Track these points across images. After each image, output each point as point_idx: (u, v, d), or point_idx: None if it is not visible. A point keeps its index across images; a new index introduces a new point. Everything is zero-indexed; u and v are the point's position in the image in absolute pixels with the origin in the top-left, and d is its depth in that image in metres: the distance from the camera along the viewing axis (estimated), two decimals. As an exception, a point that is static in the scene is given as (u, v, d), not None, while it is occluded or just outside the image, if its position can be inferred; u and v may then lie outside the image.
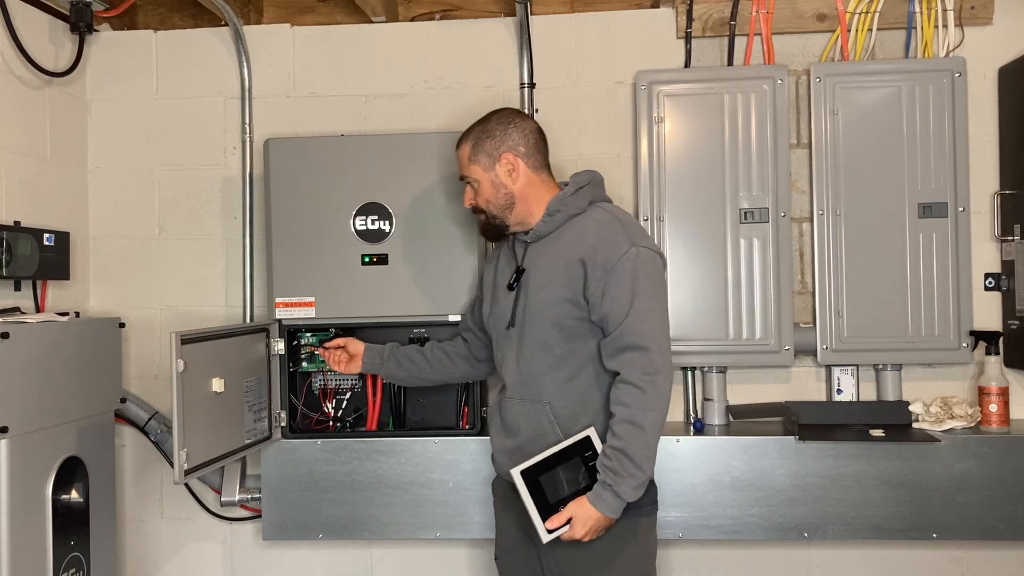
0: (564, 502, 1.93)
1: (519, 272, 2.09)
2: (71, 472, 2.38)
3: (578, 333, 2.01)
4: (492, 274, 2.22)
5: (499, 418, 2.14)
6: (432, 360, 2.38)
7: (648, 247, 2.00)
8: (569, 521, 1.91)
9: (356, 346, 2.41)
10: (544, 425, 2.01)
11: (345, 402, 2.62)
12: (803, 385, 2.73)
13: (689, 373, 2.73)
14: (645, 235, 2.05)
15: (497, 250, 2.26)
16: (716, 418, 2.65)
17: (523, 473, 1.94)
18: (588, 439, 1.96)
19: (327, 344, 2.46)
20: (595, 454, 1.95)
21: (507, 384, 2.12)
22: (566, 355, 2.02)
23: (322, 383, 2.62)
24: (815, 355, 2.60)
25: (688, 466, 2.49)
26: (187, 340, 2.15)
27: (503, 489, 2.18)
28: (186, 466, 2.13)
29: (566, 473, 1.94)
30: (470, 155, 2.10)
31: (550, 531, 1.91)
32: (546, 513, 1.92)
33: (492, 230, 2.15)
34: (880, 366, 2.63)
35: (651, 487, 2.03)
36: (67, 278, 2.72)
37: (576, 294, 1.99)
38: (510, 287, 2.10)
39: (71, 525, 2.37)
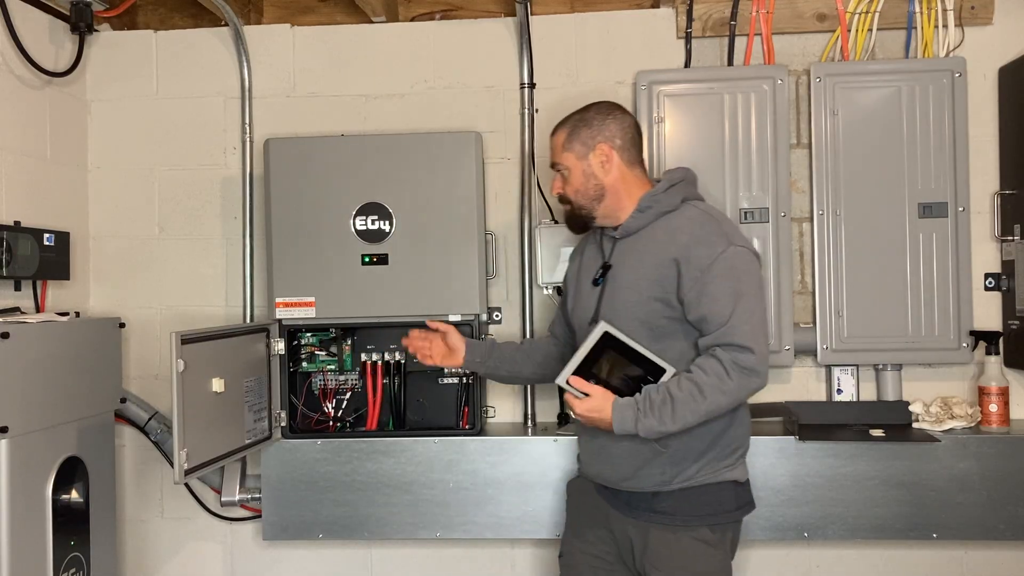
0: (597, 382, 1.94)
1: (605, 268, 2.05)
2: (71, 472, 2.38)
3: (668, 332, 1.96)
4: (576, 267, 2.19)
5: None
6: (532, 354, 2.30)
7: (745, 247, 1.96)
8: (586, 395, 1.92)
9: (457, 340, 2.24)
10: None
11: (345, 402, 2.63)
12: (803, 385, 2.73)
13: (689, 373, 2.73)
14: (741, 234, 2.00)
15: (582, 243, 2.22)
16: (716, 418, 2.65)
17: (605, 335, 1.94)
18: (664, 371, 1.94)
19: (415, 333, 2.27)
20: (652, 384, 1.93)
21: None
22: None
23: (322, 383, 2.62)
24: (815, 355, 2.60)
25: (688, 466, 2.49)
26: (187, 340, 2.15)
27: (583, 490, 2.16)
28: (186, 466, 2.13)
29: (625, 371, 1.95)
30: (564, 142, 2.06)
31: (569, 384, 1.93)
32: (580, 372, 1.94)
33: (577, 221, 2.10)
34: (880, 366, 2.63)
35: (747, 489, 2.05)
36: (67, 278, 2.72)
37: (668, 294, 1.94)
38: (595, 282, 2.07)
39: (71, 525, 2.37)
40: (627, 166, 2.05)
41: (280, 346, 2.55)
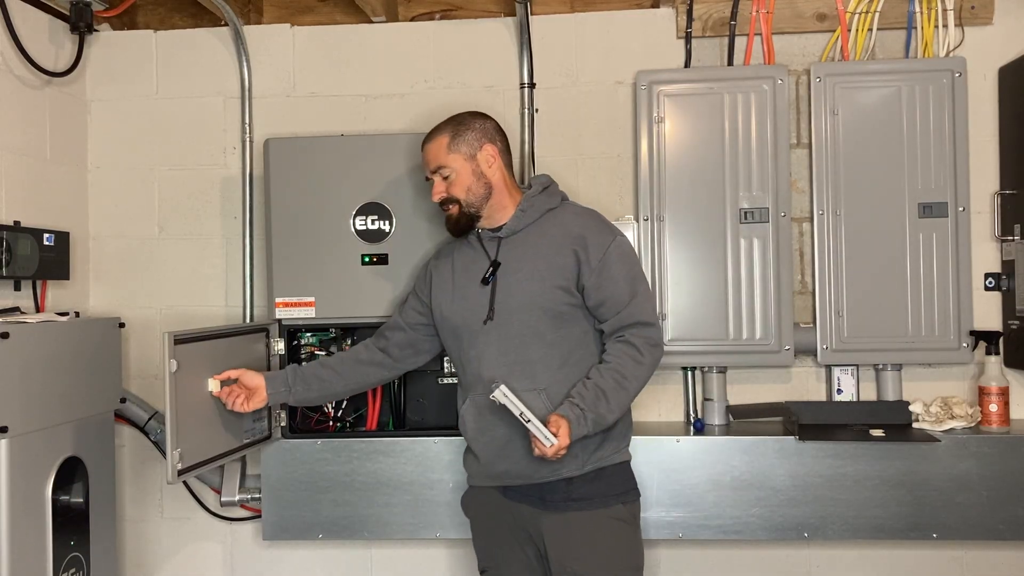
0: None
1: (495, 265, 2.10)
2: (71, 472, 2.38)
3: (569, 319, 2.07)
4: (449, 272, 2.20)
5: (479, 419, 2.08)
6: (343, 372, 2.30)
7: (624, 237, 2.14)
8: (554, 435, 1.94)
9: (253, 378, 2.24)
10: (543, 411, 1.98)
11: (345, 402, 2.62)
12: (803, 385, 2.73)
13: (689, 373, 2.73)
14: (616, 226, 2.19)
15: (447, 249, 2.26)
16: (716, 418, 2.65)
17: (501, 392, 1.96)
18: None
19: (216, 392, 2.22)
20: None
21: (486, 379, 2.05)
22: (558, 341, 2.06)
23: (322, 383, 2.62)
24: (815, 355, 2.60)
25: (688, 466, 2.49)
26: (180, 340, 2.14)
27: (483, 500, 2.18)
28: (179, 466, 2.12)
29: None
30: (449, 145, 2.12)
31: (554, 433, 1.91)
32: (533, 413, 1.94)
33: (465, 222, 2.14)
34: (880, 366, 2.63)
35: (630, 471, 2.15)
36: (67, 278, 2.72)
37: (569, 282, 2.06)
38: (485, 281, 2.11)
39: (71, 525, 2.37)
40: (506, 167, 2.17)
41: (280, 346, 2.54)
